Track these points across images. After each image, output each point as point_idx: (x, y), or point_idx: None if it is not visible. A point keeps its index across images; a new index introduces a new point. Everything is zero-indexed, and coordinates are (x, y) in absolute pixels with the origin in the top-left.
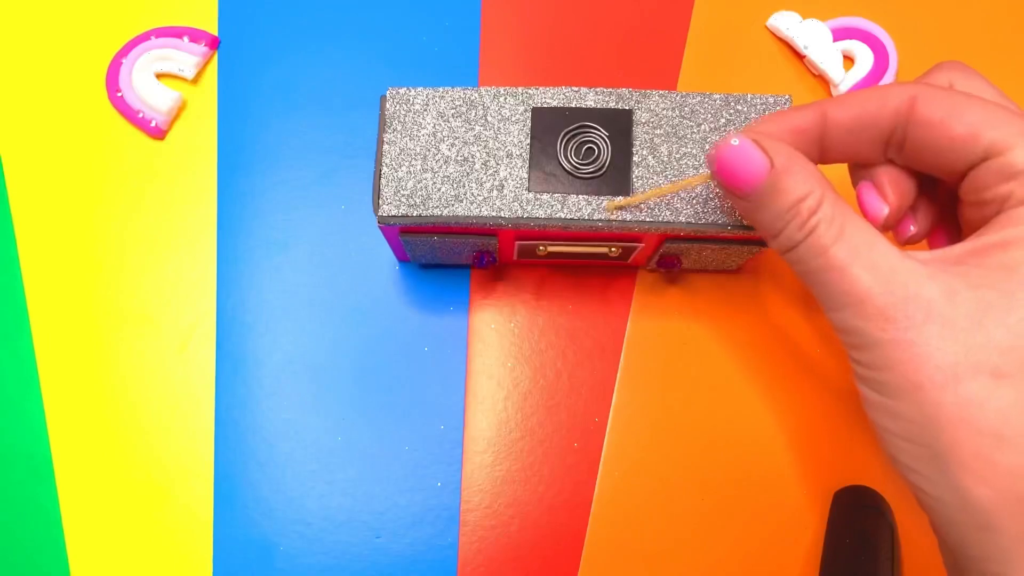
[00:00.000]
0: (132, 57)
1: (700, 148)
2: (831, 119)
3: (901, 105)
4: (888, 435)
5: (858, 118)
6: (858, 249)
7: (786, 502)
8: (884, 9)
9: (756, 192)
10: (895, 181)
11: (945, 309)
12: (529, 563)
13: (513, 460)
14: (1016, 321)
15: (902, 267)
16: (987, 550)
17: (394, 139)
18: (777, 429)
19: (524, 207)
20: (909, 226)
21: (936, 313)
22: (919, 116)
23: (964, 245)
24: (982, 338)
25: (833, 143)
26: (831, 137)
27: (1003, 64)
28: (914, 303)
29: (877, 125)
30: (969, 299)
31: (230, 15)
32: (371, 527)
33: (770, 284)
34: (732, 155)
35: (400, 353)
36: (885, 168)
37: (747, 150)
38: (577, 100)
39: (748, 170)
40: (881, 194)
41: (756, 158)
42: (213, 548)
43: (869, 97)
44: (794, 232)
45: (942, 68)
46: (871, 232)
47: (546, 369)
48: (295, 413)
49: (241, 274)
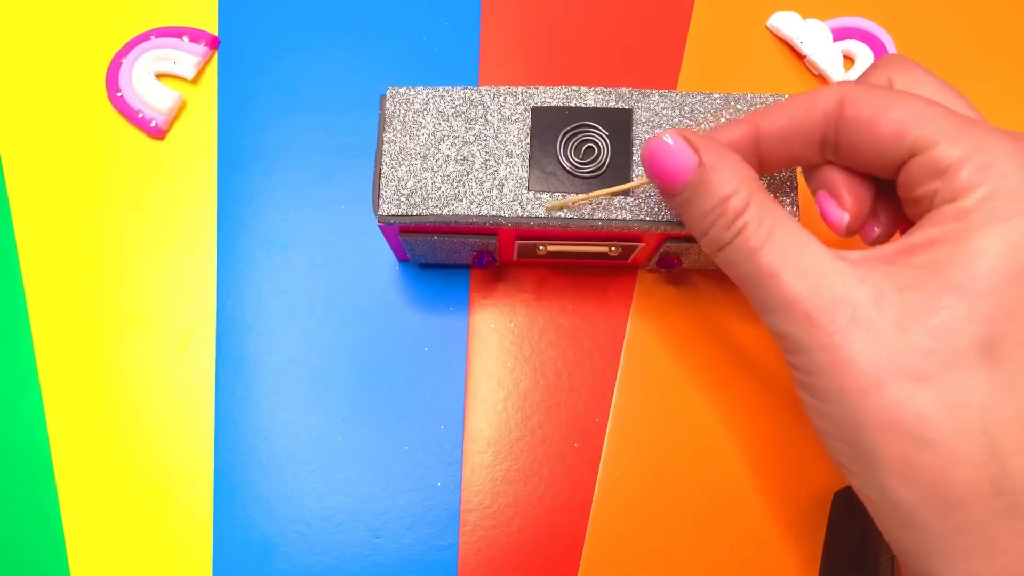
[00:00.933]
0: (132, 57)
1: None
2: (762, 129)
3: (829, 107)
4: (824, 435)
5: (788, 126)
6: (787, 252)
7: (786, 502)
8: (884, 9)
9: (684, 188)
10: (850, 186)
11: (871, 313)
12: (529, 563)
13: (513, 460)
14: (937, 323)
15: (832, 270)
16: (916, 547)
17: (394, 138)
18: (777, 429)
19: (524, 206)
20: (874, 228)
21: (862, 318)
22: (847, 116)
23: (894, 244)
24: (904, 341)
25: (768, 152)
26: (765, 147)
27: (1003, 64)
28: (841, 307)
29: (808, 130)
30: (895, 302)
31: (230, 15)
32: (371, 527)
33: None
34: (662, 150)
35: (400, 353)
36: (838, 173)
37: (677, 146)
38: (577, 99)
39: (676, 165)
40: (839, 202)
41: (685, 154)
42: (213, 548)
43: (798, 103)
44: (721, 232)
45: (881, 64)
46: (802, 234)
47: (546, 369)
48: (295, 413)
49: (241, 274)
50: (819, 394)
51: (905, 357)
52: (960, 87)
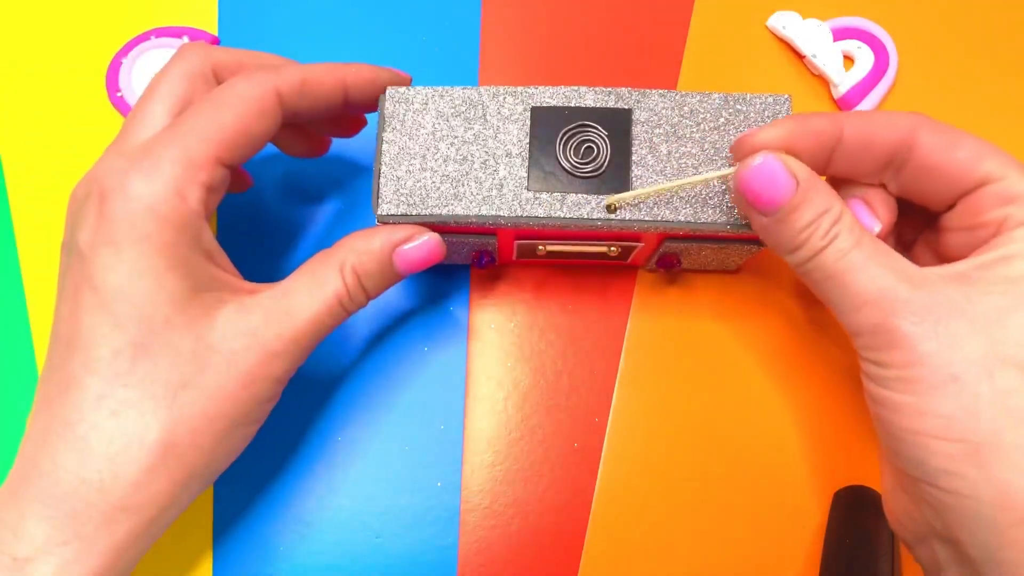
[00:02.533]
0: (132, 57)
1: (699, 147)
2: (846, 131)
3: (907, 130)
4: (916, 437)
5: (869, 136)
6: (877, 252)
7: (786, 502)
8: (884, 9)
9: (782, 209)
10: (885, 201)
11: (967, 307)
12: (529, 563)
13: (513, 460)
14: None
15: (920, 272)
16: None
17: (393, 138)
18: (777, 429)
19: (523, 206)
20: None
21: (960, 309)
22: (922, 142)
23: (967, 262)
24: (1004, 334)
25: (842, 156)
26: (842, 149)
27: (1003, 64)
28: (939, 297)
29: (883, 146)
30: (986, 301)
31: (230, 15)
32: (371, 527)
33: (769, 285)
34: (758, 175)
35: (400, 353)
36: (873, 188)
37: (773, 169)
38: (576, 99)
39: (775, 189)
40: (873, 212)
41: (783, 177)
42: (213, 548)
43: (879, 118)
44: (816, 241)
45: None
46: (885, 245)
47: (546, 369)
48: (295, 413)
49: (240, 274)
50: (920, 388)
51: (1009, 347)
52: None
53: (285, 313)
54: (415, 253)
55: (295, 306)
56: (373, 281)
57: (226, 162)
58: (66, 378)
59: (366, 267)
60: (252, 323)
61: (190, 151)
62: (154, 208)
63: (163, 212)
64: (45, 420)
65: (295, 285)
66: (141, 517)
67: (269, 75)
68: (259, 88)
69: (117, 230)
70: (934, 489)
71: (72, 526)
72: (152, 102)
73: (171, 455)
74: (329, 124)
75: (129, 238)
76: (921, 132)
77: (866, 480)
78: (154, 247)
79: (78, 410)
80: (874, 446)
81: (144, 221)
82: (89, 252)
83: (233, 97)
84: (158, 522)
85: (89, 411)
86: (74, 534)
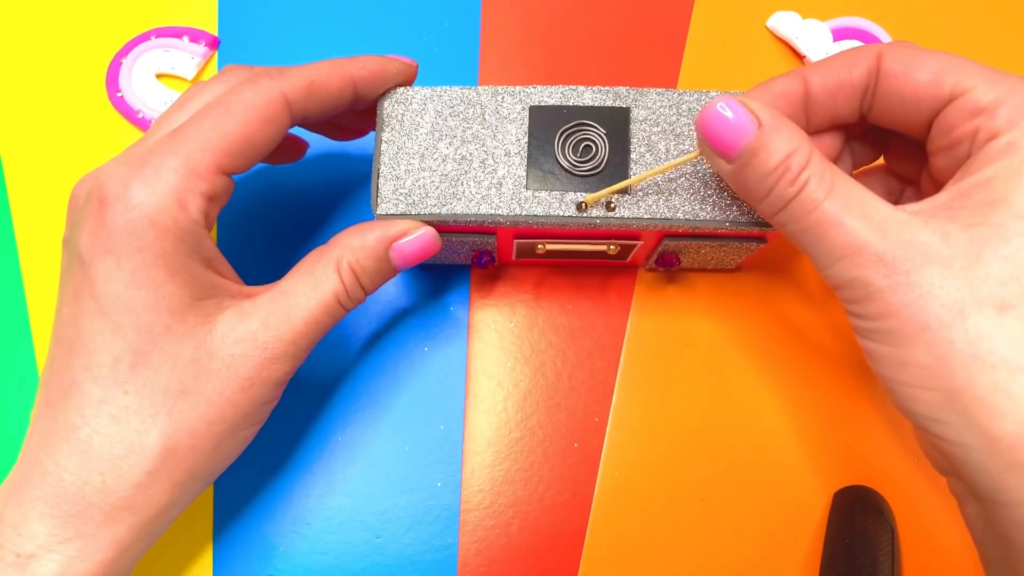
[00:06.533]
0: (132, 57)
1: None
2: (811, 83)
3: (870, 62)
4: (900, 387)
5: (836, 80)
6: (851, 201)
7: (786, 502)
8: (884, 9)
9: (745, 151)
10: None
11: (942, 250)
12: (529, 563)
13: (513, 460)
14: (1013, 251)
15: (894, 217)
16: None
17: (392, 138)
18: (777, 429)
19: (522, 205)
20: None
21: (934, 255)
22: (885, 69)
23: (946, 192)
24: (982, 273)
25: (816, 106)
26: (814, 100)
27: (1002, 64)
28: (911, 247)
29: (852, 84)
30: (964, 238)
31: (230, 15)
32: (371, 527)
33: (769, 284)
34: (717, 115)
35: (400, 353)
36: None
37: (733, 109)
38: (575, 98)
39: (736, 130)
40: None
41: (743, 117)
42: (213, 548)
43: (842, 60)
44: (784, 188)
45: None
46: (859, 187)
47: (546, 369)
48: (295, 413)
49: (242, 273)
50: (895, 338)
51: (985, 288)
52: None
53: (284, 316)
54: (411, 247)
55: (294, 308)
56: (370, 277)
57: (228, 170)
58: (68, 381)
59: (363, 264)
60: (251, 328)
61: (191, 160)
62: (154, 218)
63: (163, 222)
64: (47, 421)
65: (293, 286)
66: (142, 516)
67: (275, 80)
68: (265, 95)
69: (117, 239)
70: (928, 434)
71: (74, 524)
72: (180, 112)
73: (171, 459)
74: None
75: (129, 247)
76: (884, 59)
77: (866, 480)
78: (153, 257)
79: (80, 414)
80: (874, 446)
81: (144, 231)
82: (89, 259)
83: (238, 104)
84: (159, 521)
85: (91, 415)
86: (76, 532)
